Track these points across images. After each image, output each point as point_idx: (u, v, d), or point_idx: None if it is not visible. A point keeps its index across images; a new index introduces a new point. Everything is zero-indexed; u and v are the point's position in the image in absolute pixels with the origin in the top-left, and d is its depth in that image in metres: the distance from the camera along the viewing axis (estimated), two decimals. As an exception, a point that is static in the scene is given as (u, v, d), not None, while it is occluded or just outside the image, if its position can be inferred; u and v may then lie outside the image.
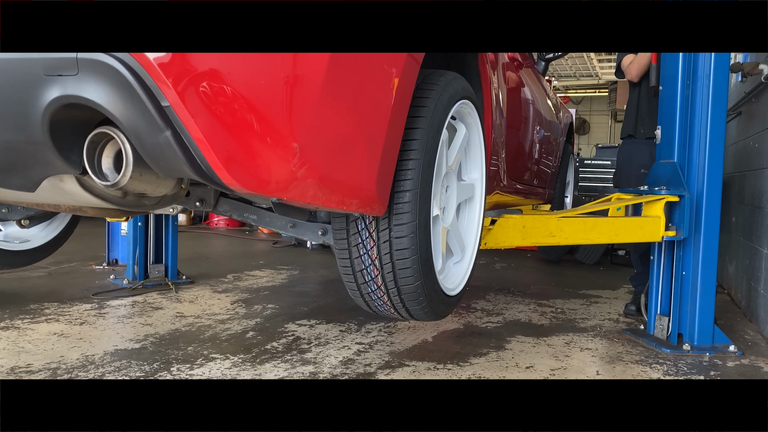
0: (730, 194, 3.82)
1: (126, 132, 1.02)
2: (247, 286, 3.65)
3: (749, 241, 3.25)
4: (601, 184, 5.95)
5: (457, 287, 1.70)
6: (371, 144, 1.27)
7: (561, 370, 2.14)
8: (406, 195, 1.38)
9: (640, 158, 3.05)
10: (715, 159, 2.46)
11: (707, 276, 2.49)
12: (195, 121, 0.97)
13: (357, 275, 1.46)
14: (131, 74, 0.96)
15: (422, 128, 1.43)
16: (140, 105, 0.97)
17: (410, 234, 1.38)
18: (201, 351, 2.25)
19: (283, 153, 1.07)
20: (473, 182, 1.87)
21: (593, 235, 2.31)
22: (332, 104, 1.15)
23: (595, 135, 17.68)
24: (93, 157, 1.10)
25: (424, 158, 1.42)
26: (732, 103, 3.75)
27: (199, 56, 0.97)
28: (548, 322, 2.90)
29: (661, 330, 2.61)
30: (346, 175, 1.23)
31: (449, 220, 1.68)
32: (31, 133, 1.05)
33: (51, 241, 2.40)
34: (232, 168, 1.02)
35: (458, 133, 1.72)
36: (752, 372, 2.21)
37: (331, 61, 1.11)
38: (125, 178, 1.09)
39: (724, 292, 3.94)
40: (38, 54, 0.98)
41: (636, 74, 3.03)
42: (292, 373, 2.02)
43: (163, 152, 1.02)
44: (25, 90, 1.01)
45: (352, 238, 1.43)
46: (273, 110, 1.04)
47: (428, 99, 1.49)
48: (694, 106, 2.50)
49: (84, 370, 2.00)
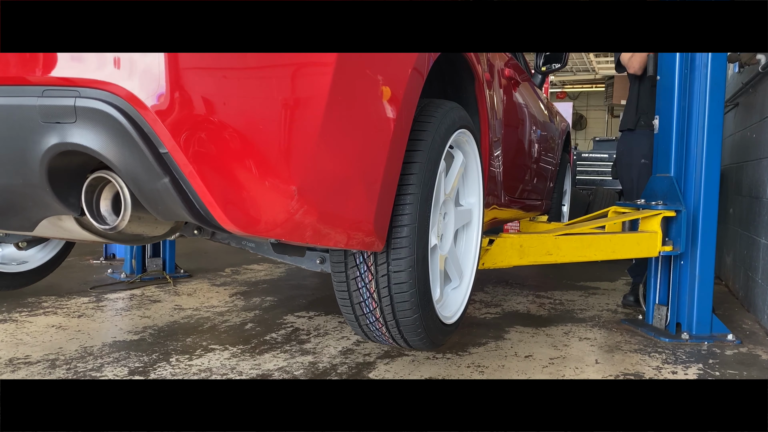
0: (728, 186, 3.82)
1: (124, 178, 1.02)
2: (246, 279, 3.64)
3: (746, 231, 3.25)
4: (599, 177, 5.96)
5: (455, 314, 1.69)
6: (369, 181, 1.26)
7: (560, 359, 2.14)
8: (404, 230, 1.37)
9: (641, 148, 3.05)
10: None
11: (705, 265, 2.50)
12: (193, 167, 0.98)
13: (355, 307, 1.46)
14: (129, 122, 0.96)
15: (420, 162, 1.41)
16: (138, 152, 0.97)
17: (408, 268, 1.38)
18: (200, 342, 2.25)
19: (282, 196, 1.07)
20: (471, 207, 1.85)
21: (590, 252, 2.32)
22: (330, 144, 1.14)
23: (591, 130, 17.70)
24: (91, 200, 1.11)
25: (422, 193, 1.41)
26: (729, 94, 3.75)
27: (197, 102, 0.97)
28: (546, 313, 2.90)
29: (659, 320, 2.61)
30: (343, 215, 1.22)
31: (447, 247, 1.67)
32: (29, 178, 1.05)
33: (48, 261, 2.40)
34: (231, 212, 1.03)
35: (456, 161, 1.70)
36: (751, 360, 2.21)
37: (329, 102, 1.10)
38: (124, 222, 1.10)
39: (722, 283, 3.95)
40: (36, 100, 0.98)
41: (638, 67, 3.03)
42: (291, 363, 2.01)
43: (162, 198, 1.02)
44: (23, 136, 1.01)
45: (350, 271, 1.43)
46: (271, 154, 1.04)
47: (426, 132, 1.46)
48: (692, 97, 2.51)
49: (82, 361, 2.00)
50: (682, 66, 2.51)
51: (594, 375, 1.98)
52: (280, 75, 1.05)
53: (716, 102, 2.46)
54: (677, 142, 2.54)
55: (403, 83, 1.34)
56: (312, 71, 1.10)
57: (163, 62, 0.94)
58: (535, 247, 2.18)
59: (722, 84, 2.48)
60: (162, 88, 0.94)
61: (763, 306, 2.78)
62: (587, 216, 3.32)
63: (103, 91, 0.96)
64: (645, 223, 2.54)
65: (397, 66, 1.33)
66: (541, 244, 2.20)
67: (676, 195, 2.51)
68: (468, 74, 1.83)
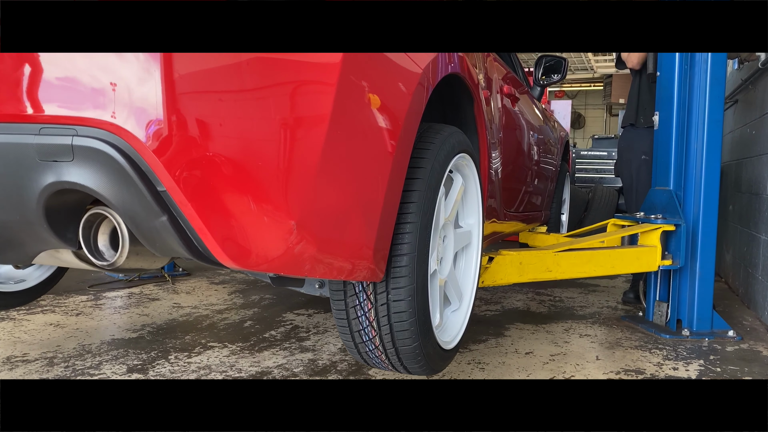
0: (727, 183, 3.82)
1: (122, 216, 1.02)
2: (244, 277, 3.63)
3: (746, 228, 3.25)
4: (598, 175, 5.95)
5: (455, 339, 1.67)
6: (368, 212, 1.24)
7: (561, 356, 2.14)
8: (404, 259, 1.35)
9: (642, 145, 3.05)
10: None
11: (706, 262, 2.49)
12: (192, 205, 0.97)
13: (354, 335, 1.45)
14: (127, 161, 0.95)
15: (419, 190, 1.39)
16: (136, 191, 0.97)
17: (408, 298, 1.36)
18: (199, 340, 2.24)
19: (280, 232, 1.06)
20: (470, 228, 1.83)
21: (590, 268, 2.31)
22: (329, 179, 1.12)
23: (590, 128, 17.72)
24: (89, 235, 1.10)
25: (422, 221, 1.38)
26: (729, 91, 3.75)
27: (195, 140, 0.96)
28: (546, 310, 2.89)
29: (660, 316, 2.61)
30: (343, 247, 1.21)
31: (446, 271, 1.65)
32: (26, 214, 1.04)
33: (46, 279, 2.39)
34: (229, 250, 1.02)
35: (455, 184, 1.67)
36: (752, 356, 2.21)
37: (327, 138, 1.08)
38: (122, 259, 1.10)
39: (722, 280, 3.95)
40: (33, 138, 0.97)
41: (637, 62, 3.03)
42: (290, 360, 2.00)
43: (160, 235, 1.02)
44: (20, 174, 1.00)
45: (349, 299, 1.42)
46: (270, 191, 1.03)
47: (425, 159, 1.43)
48: (692, 94, 2.50)
49: (81, 359, 1.99)
50: (682, 62, 2.51)
51: (594, 371, 1.98)
52: (279, 114, 1.03)
53: (716, 98, 2.46)
54: (677, 138, 2.54)
55: (403, 111, 1.31)
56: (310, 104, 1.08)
57: (161, 101, 0.93)
58: (535, 264, 2.18)
59: (722, 80, 2.48)
60: (160, 126, 0.93)
61: (763, 302, 2.77)
62: (586, 228, 3.32)
63: (101, 130, 0.95)
64: (644, 238, 2.53)
65: (397, 93, 1.30)
66: (540, 261, 2.19)
67: (676, 208, 2.51)
68: (467, 96, 1.80)
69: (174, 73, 0.94)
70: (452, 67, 1.59)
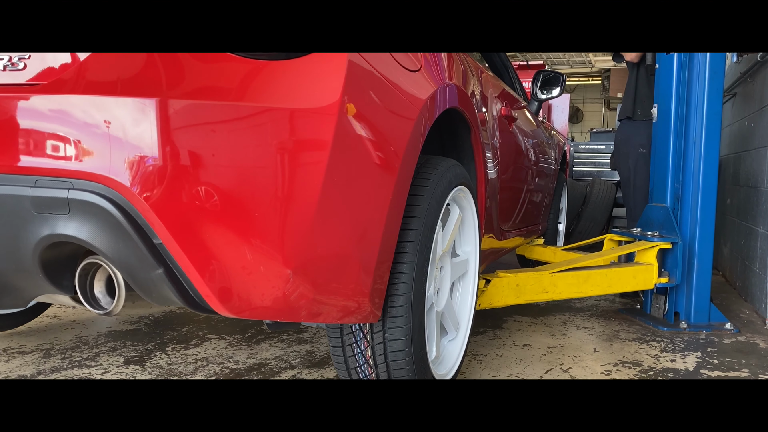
0: (725, 176, 3.82)
1: (118, 267, 1.02)
2: (242, 270, 3.62)
3: (744, 221, 3.25)
4: (596, 169, 5.95)
5: (451, 370, 1.66)
6: (365, 256, 1.22)
7: (558, 348, 2.14)
8: (400, 299, 1.34)
9: (639, 138, 3.04)
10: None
11: (704, 254, 2.49)
12: (188, 256, 0.97)
13: (351, 371, 1.44)
14: (123, 215, 0.95)
15: (416, 229, 1.36)
16: (132, 244, 0.97)
17: (405, 337, 1.35)
18: (196, 332, 2.23)
19: (277, 281, 1.06)
20: (467, 257, 1.80)
21: (586, 287, 2.31)
22: (325, 227, 1.11)
23: (588, 123, 17.72)
24: (85, 283, 1.10)
25: (419, 260, 1.36)
26: (727, 84, 3.74)
27: (191, 192, 0.95)
28: (544, 303, 2.89)
29: (657, 309, 2.61)
30: (339, 293, 1.20)
31: (443, 302, 1.63)
32: (22, 264, 1.04)
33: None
34: (226, 300, 1.03)
35: (452, 216, 1.65)
36: (749, 348, 2.21)
37: (323, 191, 1.07)
38: (118, 308, 1.10)
39: (719, 273, 3.95)
40: (29, 191, 0.97)
41: (635, 55, 3.02)
42: (288, 352, 2.00)
43: (156, 287, 1.02)
44: (16, 224, 1.00)
45: (346, 337, 1.41)
46: (267, 241, 1.03)
47: (422, 197, 1.39)
48: (691, 86, 2.50)
49: (77, 350, 1.98)
50: (681, 55, 2.50)
51: (592, 363, 1.98)
52: (274, 163, 1.02)
53: (715, 91, 2.45)
54: (675, 131, 2.54)
55: (401, 150, 1.27)
56: (307, 153, 1.06)
57: (157, 156, 0.93)
58: (532, 285, 2.17)
59: (721, 73, 2.47)
60: (155, 179, 0.93)
61: (761, 295, 2.78)
62: (581, 243, 3.31)
63: (97, 183, 0.95)
64: (641, 255, 2.53)
65: (395, 134, 1.26)
66: (537, 282, 2.19)
67: (672, 226, 2.51)
68: (464, 125, 1.78)
69: (170, 124, 0.94)
70: (450, 101, 1.55)
